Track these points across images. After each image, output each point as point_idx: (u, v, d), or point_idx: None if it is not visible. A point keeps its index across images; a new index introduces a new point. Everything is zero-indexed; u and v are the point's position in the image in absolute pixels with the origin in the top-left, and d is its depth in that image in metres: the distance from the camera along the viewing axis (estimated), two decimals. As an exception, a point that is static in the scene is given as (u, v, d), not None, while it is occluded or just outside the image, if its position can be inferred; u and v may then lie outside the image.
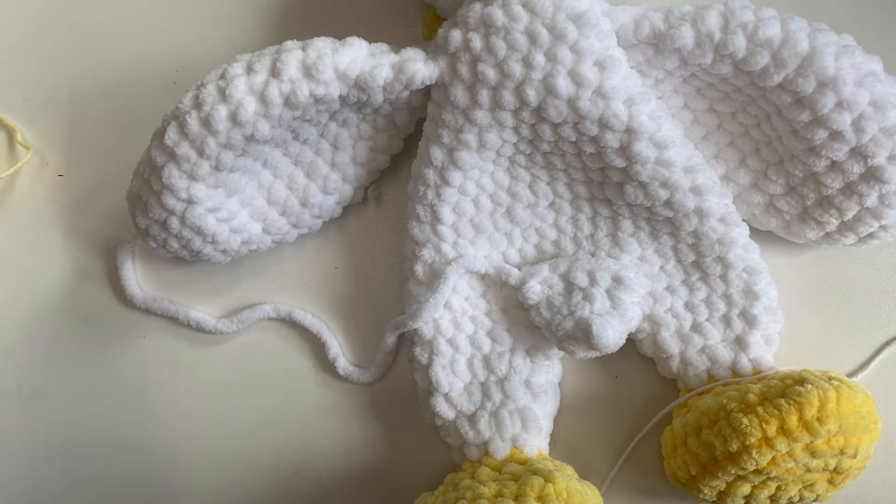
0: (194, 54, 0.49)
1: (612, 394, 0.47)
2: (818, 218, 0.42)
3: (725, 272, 0.43)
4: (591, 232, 0.45)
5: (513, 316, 0.45)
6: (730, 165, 0.44)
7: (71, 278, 0.49)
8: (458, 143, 0.42)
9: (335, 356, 0.47)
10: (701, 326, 0.44)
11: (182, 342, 0.49)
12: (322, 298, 0.48)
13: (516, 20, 0.39)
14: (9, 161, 0.50)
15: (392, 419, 0.48)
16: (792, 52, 0.38)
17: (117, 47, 0.49)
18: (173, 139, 0.39)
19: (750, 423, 0.39)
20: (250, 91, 0.39)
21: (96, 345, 0.49)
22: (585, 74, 0.39)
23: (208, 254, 0.43)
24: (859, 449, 0.39)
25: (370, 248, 0.48)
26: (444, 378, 0.44)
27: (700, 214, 0.42)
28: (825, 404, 0.38)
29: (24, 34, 0.50)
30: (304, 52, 0.40)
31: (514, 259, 0.45)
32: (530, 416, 0.44)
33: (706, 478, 0.41)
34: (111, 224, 0.49)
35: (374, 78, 0.40)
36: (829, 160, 0.40)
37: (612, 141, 0.41)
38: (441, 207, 0.44)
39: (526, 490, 0.39)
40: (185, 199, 0.41)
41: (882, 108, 0.39)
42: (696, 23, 0.39)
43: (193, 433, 0.49)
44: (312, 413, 0.48)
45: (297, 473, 0.48)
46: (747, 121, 0.43)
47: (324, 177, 0.45)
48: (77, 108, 0.49)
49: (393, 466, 0.48)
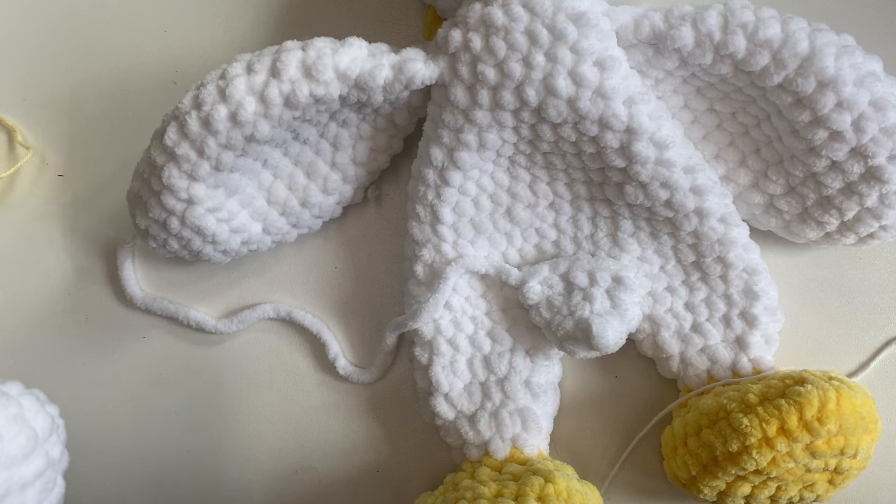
0: (194, 54, 0.49)
1: (612, 394, 0.47)
2: (818, 218, 0.42)
3: (725, 272, 0.43)
4: (591, 232, 0.45)
5: (513, 316, 0.45)
6: (730, 165, 0.44)
7: (71, 278, 0.49)
8: (458, 143, 0.42)
9: (335, 356, 0.47)
10: (701, 326, 0.44)
11: (182, 342, 0.49)
12: (322, 298, 0.48)
13: (516, 20, 0.39)
14: (9, 161, 0.50)
15: (392, 419, 0.48)
16: (792, 53, 0.38)
17: (117, 47, 0.49)
18: (173, 139, 0.39)
19: (750, 424, 0.39)
20: (250, 91, 0.39)
21: (96, 345, 0.49)
22: (585, 74, 0.39)
23: (208, 254, 0.44)
24: (859, 449, 0.39)
25: (370, 248, 0.48)
26: (444, 378, 0.44)
27: (700, 214, 0.42)
28: (825, 404, 0.38)
29: (23, 34, 0.50)
30: (304, 52, 0.40)
31: (514, 259, 0.45)
32: (530, 416, 0.44)
33: (706, 478, 0.41)
34: (111, 224, 0.49)
35: (374, 78, 0.40)
36: (830, 160, 0.40)
37: (612, 141, 0.41)
38: (441, 207, 0.44)
39: (526, 490, 0.39)
40: (185, 200, 0.41)
41: (882, 108, 0.39)
42: (696, 23, 0.39)
43: (193, 433, 0.49)
44: (312, 413, 0.48)
45: (297, 473, 0.48)
46: (747, 121, 0.43)
47: (324, 177, 0.45)
48: (77, 108, 0.49)
49: (393, 466, 0.48)
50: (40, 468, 0.40)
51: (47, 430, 0.41)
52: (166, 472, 0.49)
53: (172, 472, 0.49)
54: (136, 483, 0.49)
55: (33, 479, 0.39)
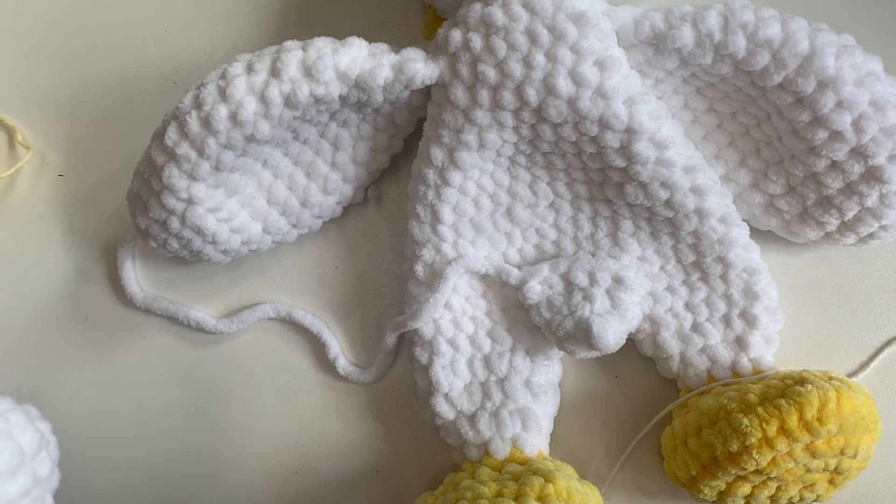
0: (194, 54, 0.49)
1: (612, 394, 0.47)
2: (818, 218, 0.42)
3: (725, 272, 0.43)
4: (591, 232, 0.45)
5: (513, 316, 0.45)
6: (730, 165, 0.44)
7: (71, 278, 0.49)
8: (458, 143, 0.42)
9: (335, 356, 0.47)
10: (701, 326, 0.44)
11: (182, 342, 0.49)
12: (322, 298, 0.48)
13: (516, 20, 0.39)
14: (9, 161, 0.50)
15: (392, 419, 0.48)
16: (792, 52, 0.38)
17: (117, 47, 0.49)
18: (173, 139, 0.39)
19: (750, 424, 0.39)
20: (250, 91, 0.39)
21: (96, 345, 0.49)
22: (585, 74, 0.39)
23: (208, 254, 0.44)
24: (860, 449, 0.39)
25: (370, 248, 0.48)
26: (444, 378, 0.44)
27: (700, 214, 0.42)
28: (825, 404, 0.38)
29: (24, 34, 0.50)
30: (305, 52, 0.40)
31: (515, 259, 0.45)
32: (530, 416, 0.44)
33: (706, 478, 0.41)
34: (111, 224, 0.49)
35: (374, 78, 0.40)
36: (830, 160, 0.40)
37: (612, 141, 0.41)
38: (441, 207, 0.44)
39: (526, 490, 0.39)
40: (186, 199, 0.41)
41: (882, 107, 0.39)
42: (697, 23, 0.39)
43: (193, 433, 0.49)
44: (312, 413, 0.48)
45: (297, 473, 0.48)
46: (747, 121, 0.43)
47: (324, 177, 0.45)
48: (77, 108, 0.49)
49: (393, 466, 0.48)
50: (27, 486, 0.39)
51: (35, 446, 0.40)
52: (166, 472, 0.49)
53: (172, 472, 0.49)
54: (136, 483, 0.49)
55: (18, 497, 0.38)
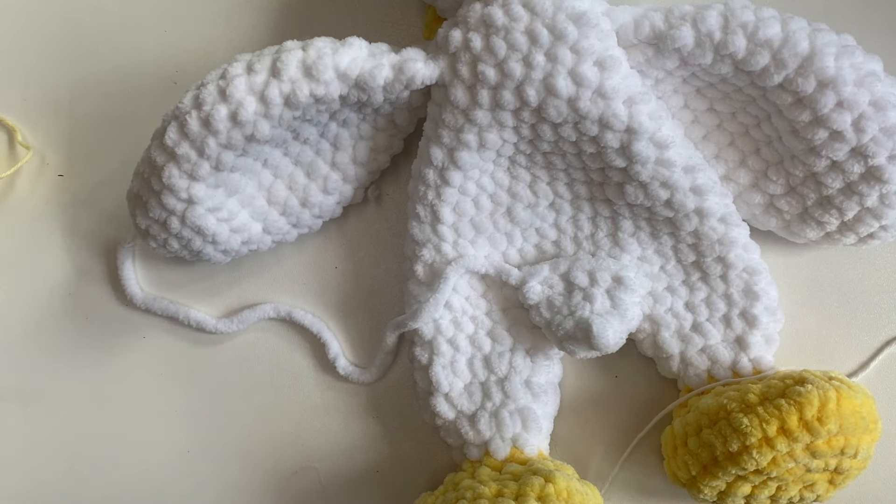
0: (194, 54, 0.49)
1: (612, 394, 0.47)
2: (818, 218, 0.42)
3: (725, 272, 0.43)
4: (591, 232, 0.45)
5: (513, 316, 0.45)
6: (730, 165, 0.44)
7: (71, 278, 0.49)
8: (458, 142, 0.42)
9: (335, 356, 0.47)
10: (701, 326, 0.44)
11: (182, 342, 0.49)
12: (322, 298, 0.48)
13: (516, 20, 0.39)
14: (9, 161, 0.50)
15: (392, 419, 0.48)
16: (792, 52, 0.38)
17: (117, 47, 0.49)
18: (173, 139, 0.39)
19: (750, 424, 0.39)
20: (250, 91, 0.39)
21: (96, 345, 0.49)
22: (585, 74, 0.39)
23: (208, 254, 0.43)
24: (860, 449, 0.39)
25: (370, 248, 0.48)
26: (444, 378, 0.44)
27: (700, 214, 0.42)
28: (825, 404, 0.38)
29: (23, 34, 0.50)
30: (305, 52, 0.40)
31: (515, 259, 0.45)
32: (530, 416, 0.44)
33: (706, 478, 0.41)
34: (111, 224, 0.49)
35: (374, 78, 0.40)
36: (830, 160, 0.40)
37: (612, 141, 0.41)
38: (441, 207, 0.44)
39: (526, 490, 0.39)
40: (186, 199, 0.41)
41: (882, 107, 0.39)
42: (697, 23, 0.39)
43: (193, 433, 0.49)
44: (312, 413, 0.48)
45: (297, 473, 0.48)
46: (747, 121, 0.43)
47: (324, 177, 0.45)
48: (77, 108, 0.49)
49: (393, 466, 0.48)
50: None
51: None
52: (166, 472, 0.49)
53: (172, 471, 0.49)
54: (136, 483, 0.49)
55: None
